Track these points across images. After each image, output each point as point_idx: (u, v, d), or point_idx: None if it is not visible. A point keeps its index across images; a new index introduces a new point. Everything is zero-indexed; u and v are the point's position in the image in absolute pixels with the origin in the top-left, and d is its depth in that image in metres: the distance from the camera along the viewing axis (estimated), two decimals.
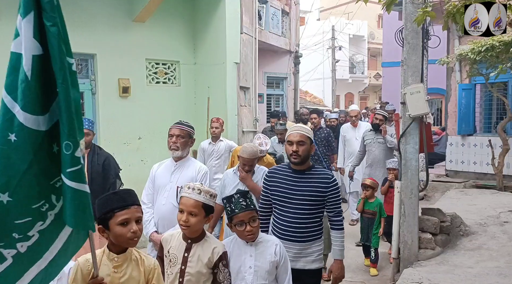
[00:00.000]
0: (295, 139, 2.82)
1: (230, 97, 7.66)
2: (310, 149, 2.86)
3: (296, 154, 2.80)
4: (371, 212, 4.98)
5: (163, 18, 7.49)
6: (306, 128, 2.92)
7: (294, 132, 2.87)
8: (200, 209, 2.36)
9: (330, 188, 2.86)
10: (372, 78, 30.66)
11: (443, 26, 3.38)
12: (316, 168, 2.95)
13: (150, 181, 3.57)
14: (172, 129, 3.54)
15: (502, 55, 6.46)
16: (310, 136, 2.87)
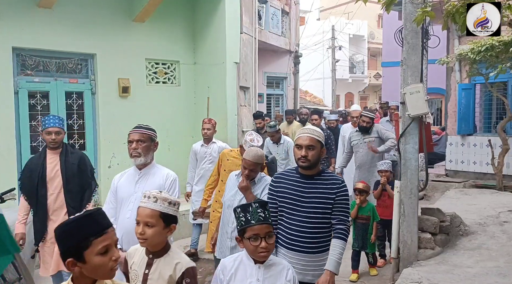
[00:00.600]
0: (305, 143, 2.64)
1: (230, 97, 7.66)
2: (320, 153, 2.68)
3: (305, 159, 2.63)
4: (365, 217, 4.79)
5: (163, 18, 7.50)
6: (317, 131, 2.73)
7: (303, 135, 2.68)
8: (157, 219, 2.12)
9: (339, 193, 2.67)
10: (372, 78, 30.66)
11: (443, 26, 3.39)
12: (326, 173, 2.78)
13: (112, 194, 3.23)
14: (130, 135, 3.21)
15: (502, 55, 6.46)
16: (320, 140, 2.69)
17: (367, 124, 5.78)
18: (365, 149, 5.78)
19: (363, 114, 5.93)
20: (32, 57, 6.26)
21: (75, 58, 6.68)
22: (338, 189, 2.68)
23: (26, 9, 6.05)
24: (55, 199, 3.94)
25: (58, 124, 3.91)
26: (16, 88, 6.10)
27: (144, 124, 3.38)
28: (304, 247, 2.66)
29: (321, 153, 2.70)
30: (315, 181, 2.70)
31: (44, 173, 3.91)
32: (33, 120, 6.33)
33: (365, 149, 5.78)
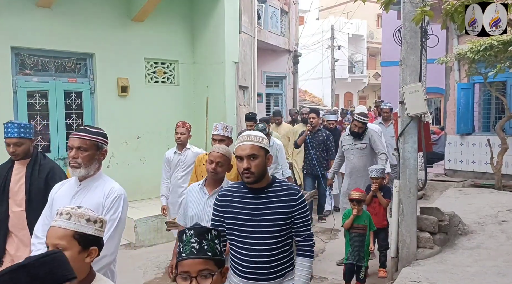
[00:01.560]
0: (245, 153, 2.21)
1: (229, 97, 7.66)
2: (265, 162, 2.27)
3: (249, 172, 2.20)
4: (361, 226, 4.36)
5: (162, 17, 7.49)
6: (259, 136, 2.29)
7: (242, 144, 2.24)
8: (70, 240, 1.70)
9: (297, 205, 2.27)
10: (371, 77, 30.67)
11: (442, 25, 3.39)
12: (278, 182, 2.34)
13: (48, 208, 2.59)
14: (70, 140, 2.57)
15: (501, 55, 6.46)
16: (264, 146, 2.26)
17: (359, 130, 5.30)
18: (357, 155, 5.34)
19: (355, 118, 5.44)
20: (31, 56, 6.25)
21: (74, 58, 6.68)
22: (296, 201, 2.28)
23: (25, 8, 6.05)
24: (17, 217, 3.33)
25: (17, 134, 3.31)
26: (15, 88, 6.09)
27: (91, 127, 2.71)
28: (261, 274, 2.26)
29: (267, 161, 2.28)
30: (266, 194, 2.28)
31: (6, 186, 3.34)
32: (32, 120, 6.32)
33: (356, 155, 5.34)
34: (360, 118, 5.33)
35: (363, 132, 5.32)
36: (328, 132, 6.90)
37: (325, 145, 6.74)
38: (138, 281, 4.82)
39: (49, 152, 6.49)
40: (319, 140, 6.73)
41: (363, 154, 5.32)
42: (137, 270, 5.12)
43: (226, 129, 4.16)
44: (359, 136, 5.32)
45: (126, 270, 5.16)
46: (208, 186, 3.05)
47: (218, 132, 4.14)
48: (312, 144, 6.73)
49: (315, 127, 6.71)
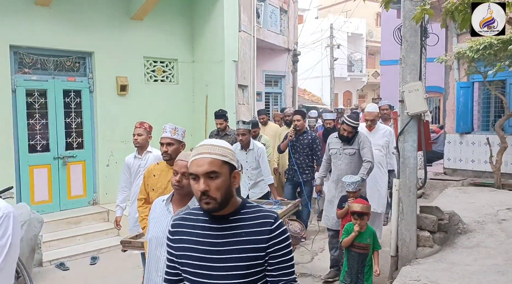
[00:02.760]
0: (201, 170, 1.60)
1: (228, 96, 7.66)
2: (231, 182, 1.65)
3: (208, 197, 1.60)
4: (362, 245, 3.85)
5: (161, 16, 7.48)
6: (221, 146, 1.67)
7: (198, 157, 1.62)
8: None
9: (272, 239, 1.64)
10: (370, 76, 30.67)
11: (441, 24, 3.38)
12: (250, 207, 1.72)
13: None
14: None
15: (500, 53, 6.46)
16: (228, 161, 1.64)
17: (349, 134, 4.71)
18: (345, 161, 4.78)
19: (344, 121, 4.76)
20: (30, 55, 6.24)
21: (73, 56, 6.67)
22: (271, 232, 1.64)
23: (24, 7, 6.03)
24: None
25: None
26: (14, 87, 6.08)
27: None
28: None
29: (233, 181, 1.67)
30: (232, 223, 1.67)
31: None
32: (31, 118, 6.31)
33: (344, 161, 4.78)
34: (350, 121, 4.70)
35: (353, 137, 4.75)
36: (314, 135, 6.23)
37: (310, 148, 6.04)
38: (138, 280, 4.81)
39: (48, 151, 6.48)
40: (303, 144, 6.03)
41: (352, 160, 4.76)
42: (136, 268, 5.12)
43: (175, 131, 3.55)
44: (349, 141, 4.75)
45: (125, 269, 5.16)
46: (174, 202, 2.50)
47: (166, 135, 3.51)
48: (296, 148, 6.07)
49: (301, 130, 6.04)
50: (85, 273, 5.21)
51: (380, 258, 5.06)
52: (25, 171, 6.22)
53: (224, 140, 6.14)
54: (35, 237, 4.78)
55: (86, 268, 5.39)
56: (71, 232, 6.14)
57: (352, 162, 4.76)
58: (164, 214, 2.51)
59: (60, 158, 6.53)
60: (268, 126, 7.54)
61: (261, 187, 5.52)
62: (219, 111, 6.24)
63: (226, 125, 6.27)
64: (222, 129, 6.23)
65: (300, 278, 4.75)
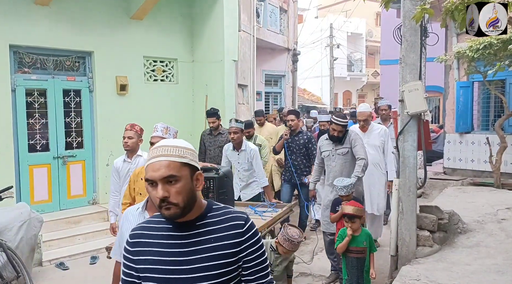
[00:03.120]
0: (158, 175, 1.43)
1: (228, 95, 7.66)
2: (193, 186, 1.49)
3: (168, 203, 1.44)
4: (360, 249, 3.71)
5: (161, 15, 7.49)
6: (179, 146, 1.50)
7: (154, 161, 1.46)
8: None
9: (245, 242, 1.53)
10: (370, 76, 30.68)
11: (441, 24, 3.38)
12: (217, 209, 1.57)
13: None
14: None
15: (500, 53, 6.46)
16: (189, 161, 1.49)
17: (339, 134, 4.60)
18: (339, 161, 4.66)
19: (333, 121, 4.66)
20: (29, 54, 6.24)
21: (72, 56, 6.66)
22: (243, 235, 1.53)
23: (23, 6, 6.03)
24: None
25: None
26: (14, 86, 6.07)
27: None
28: None
29: (195, 183, 1.51)
30: (198, 229, 1.52)
31: None
32: (30, 118, 6.31)
33: (338, 162, 4.66)
34: (339, 121, 4.61)
35: (343, 136, 4.64)
36: (310, 134, 6.08)
37: (306, 149, 5.91)
38: None
39: (48, 150, 6.48)
40: (299, 144, 5.90)
41: (346, 159, 4.65)
42: None
43: (167, 131, 3.46)
44: (340, 140, 4.64)
45: None
46: (150, 210, 2.26)
47: (157, 134, 3.39)
48: (292, 149, 5.96)
49: (295, 130, 5.93)
50: (85, 272, 5.21)
51: (380, 258, 5.10)
52: (24, 171, 6.22)
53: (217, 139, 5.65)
54: (34, 236, 4.78)
55: (86, 267, 5.38)
56: (71, 231, 6.14)
57: (347, 161, 4.65)
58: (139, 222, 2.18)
59: (60, 158, 6.53)
60: (265, 127, 7.37)
61: (253, 188, 5.42)
62: (211, 110, 6.07)
63: (218, 124, 6.08)
64: (214, 128, 6.06)
65: (300, 277, 4.75)
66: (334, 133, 4.62)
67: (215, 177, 3.76)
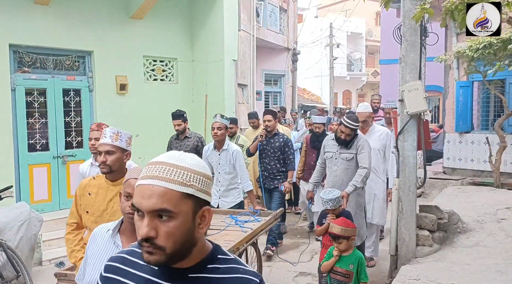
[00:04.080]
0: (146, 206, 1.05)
1: (228, 95, 7.66)
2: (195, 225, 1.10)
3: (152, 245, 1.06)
4: (343, 271, 3.28)
5: (161, 15, 7.48)
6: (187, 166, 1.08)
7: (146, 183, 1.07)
8: None
9: None
10: (370, 75, 30.69)
11: (441, 23, 3.38)
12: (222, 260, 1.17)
13: None
14: None
15: (500, 53, 6.46)
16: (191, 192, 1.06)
17: (346, 137, 4.29)
18: (341, 166, 4.35)
19: (342, 122, 4.34)
20: (29, 54, 6.23)
21: (72, 55, 6.66)
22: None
23: (23, 5, 6.02)
24: None
25: None
26: (13, 86, 6.07)
27: None
28: None
29: (200, 223, 1.11)
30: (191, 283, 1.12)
31: None
32: (30, 117, 6.30)
33: (341, 167, 4.35)
34: (349, 123, 4.25)
35: (351, 140, 4.31)
36: (286, 137, 5.68)
37: (282, 152, 5.50)
38: None
39: (48, 150, 6.47)
40: (274, 147, 5.50)
41: (349, 166, 4.33)
42: None
43: (118, 136, 2.82)
44: (346, 144, 4.33)
45: None
46: (123, 234, 1.93)
47: (105, 141, 2.76)
48: (266, 151, 5.56)
49: (271, 132, 5.55)
50: None
51: (379, 257, 5.11)
52: (24, 170, 6.22)
53: (184, 144, 5.16)
54: (34, 236, 4.78)
55: None
56: None
57: (349, 168, 4.32)
58: (110, 248, 1.87)
59: (60, 157, 6.53)
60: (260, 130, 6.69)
61: (234, 195, 4.86)
62: (176, 111, 5.57)
63: (185, 127, 5.56)
64: (181, 131, 5.52)
65: (299, 277, 4.75)
66: (341, 135, 4.29)
67: None
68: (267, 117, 5.55)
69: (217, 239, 3.37)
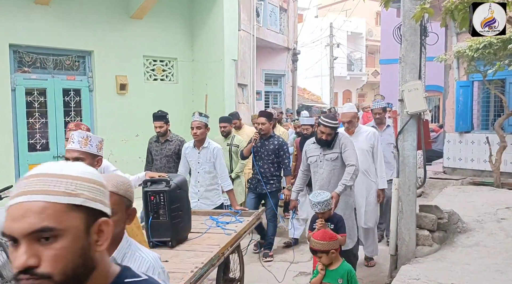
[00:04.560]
0: (20, 229, 0.83)
1: (228, 95, 7.66)
2: (90, 242, 0.88)
3: (33, 275, 0.84)
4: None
5: (161, 15, 7.49)
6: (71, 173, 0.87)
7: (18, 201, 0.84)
8: None
9: None
10: (370, 75, 30.68)
11: (441, 23, 3.38)
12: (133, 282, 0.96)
13: None
14: None
15: (500, 53, 6.46)
16: (83, 203, 0.86)
17: (327, 137, 4.08)
18: (327, 168, 4.13)
19: (321, 122, 4.11)
20: (29, 54, 6.24)
21: (72, 55, 6.66)
22: None
23: (23, 6, 6.03)
24: None
25: None
26: (13, 86, 6.07)
27: None
28: None
29: (97, 240, 0.91)
30: None
31: None
32: (30, 117, 6.31)
33: (327, 168, 4.13)
34: (329, 122, 4.07)
35: (332, 140, 4.11)
36: (282, 140, 5.40)
37: (276, 155, 5.28)
38: None
39: (48, 150, 6.48)
40: (269, 149, 5.26)
41: (335, 166, 4.11)
42: None
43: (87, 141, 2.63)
44: (328, 144, 4.11)
45: None
46: None
47: (73, 147, 2.60)
48: (260, 154, 5.31)
49: (266, 134, 5.28)
50: None
51: (379, 257, 5.11)
52: (24, 170, 6.22)
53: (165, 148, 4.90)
54: None
55: None
56: None
57: (335, 168, 4.11)
58: None
59: (60, 157, 6.53)
60: (243, 130, 6.56)
61: (213, 198, 4.58)
62: (157, 112, 5.20)
63: (167, 129, 5.10)
64: (162, 134, 5.08)
65: (299, 276, 4.75)
66: (322, 136, 4.09)
67: (165, 191, 3.16)
68: (260, 119, 5.30)
69: (199, 243, 3.24)
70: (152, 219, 3.14)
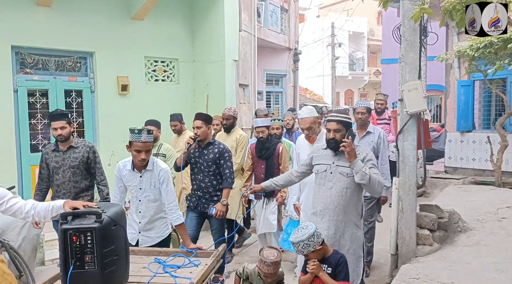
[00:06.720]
0: None
1: (229, 95, 7.68)
2: None
3: None
4: None
5: (162, 15, 7.51)
6: None
7: None
8: None
9: None
10: (372, 75, 30.67)
11: (440, 23, 3.39)
12: None
13: None
14: None
15: (501, 52, 6.46)
16: None
17: (335, 135, 3.22)
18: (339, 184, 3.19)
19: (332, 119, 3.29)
20: (31, 55, 6.27)
21: (74, 56, 6.69)
22: None
23: (25, 7, 6.06)
24: None
25: None
26: (16, 87, 6.11)
27: None
28: None
29: None
30: None
31: None
32: (32, 118, 6.34)
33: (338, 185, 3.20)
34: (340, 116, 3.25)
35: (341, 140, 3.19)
36: (223, 146, 4.43)
37: (217, 166, 4.37)
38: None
39: None
40: (208, 159, 4.35)
41: (349, 185, 3.18)
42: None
43: None
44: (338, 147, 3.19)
45: None
46: None
47: None
48: (199, 165, 4.41)
49: (203, 141, 4.37)
50: None
51: (380, 257, 5.12)
52: (26, 170, 6.25)
53: (68, 157, 4.23)
54: (37, 236, 4.81)
55: None
56: None
57: (349, 187, 3.18)
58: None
59: None
60: (185, 135, 5.79)
61: (160, 229, 3.66)
62: (55, 111, 4.41)
63: (69, 131, 4.19)
64: (64, 138, 4.14)
65: None
66: (335, 136, 3.19)
67: (94, 228, 2.22)
68: (196, 123, 4.35)
69: None
70: (74, 269, 2.22)
